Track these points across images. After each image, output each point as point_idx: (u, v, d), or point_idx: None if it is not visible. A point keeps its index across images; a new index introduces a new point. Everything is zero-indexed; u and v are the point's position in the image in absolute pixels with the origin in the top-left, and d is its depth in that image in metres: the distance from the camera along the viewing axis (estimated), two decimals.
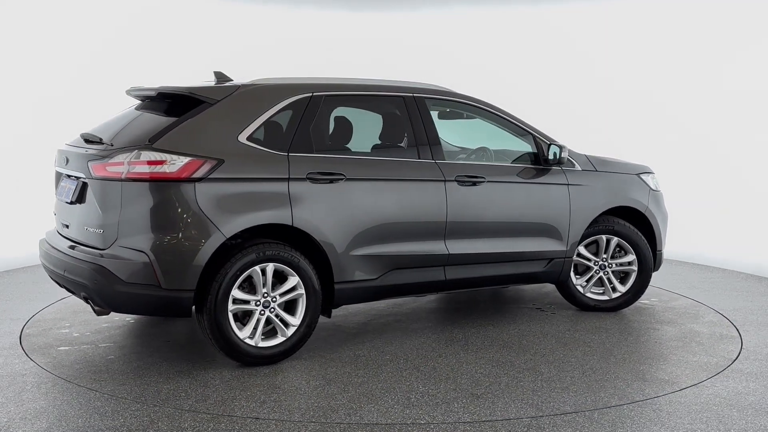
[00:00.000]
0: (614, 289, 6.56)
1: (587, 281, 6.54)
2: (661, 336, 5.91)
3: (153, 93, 5.40)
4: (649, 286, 7.22)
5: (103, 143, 5.08)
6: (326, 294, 5.35)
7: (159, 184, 4.78)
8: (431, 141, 5.74)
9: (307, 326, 5.21)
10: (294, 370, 5.04)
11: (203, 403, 4.41)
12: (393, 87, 5.81)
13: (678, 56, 9.71)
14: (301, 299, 5.17)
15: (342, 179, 5.27)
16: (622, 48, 10.15)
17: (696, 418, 4.29)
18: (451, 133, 7.21)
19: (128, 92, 5.73)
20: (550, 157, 6.11)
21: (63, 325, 6.02)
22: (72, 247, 5.11)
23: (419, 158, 5.66)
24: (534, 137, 6.22)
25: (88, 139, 5.22)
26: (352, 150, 5.65)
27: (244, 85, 5.30)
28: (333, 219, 5.23)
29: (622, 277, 6.60)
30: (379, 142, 5.83)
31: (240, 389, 4.66)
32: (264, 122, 5.18)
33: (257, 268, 4.99)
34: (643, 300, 7.01)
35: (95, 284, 4.82)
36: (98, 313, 5.03)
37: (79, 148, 5.23)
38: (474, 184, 5.81)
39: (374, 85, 5.79)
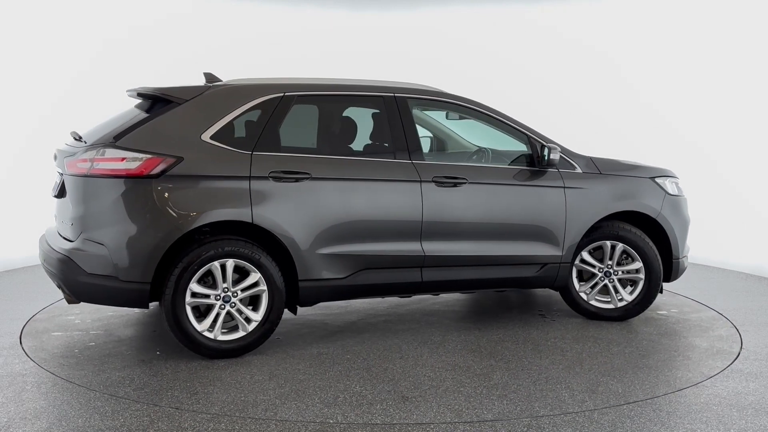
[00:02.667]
0: (621, 299, 6.25)
1: (591, 288, 6.27)
2: (651, 348, 5.59)
3: (134, 94, 5.64)
4: (682, 296, 7.05)
5: (82, 140, 5.36)
6: (292, 291, 5.42)
7: (119, 180, 5.00)
8: (410, 141, 5.67)
9: (270, 322, 5.29)
10: (248, 364, 5.13)
11: (139, 391, 4.58)
12: (372, 87, 5.79)
13: (672, 57, 9.56)
14: (263, 295, 5.26)
15: (307, 178, 5.32)
16: (627, 45, 10.02)
17: (696, 418, 4.24)
18: (471, 134, 7.14)
19: (127, 92, 6.00)
20: (546, 158, 5.92)
21: (73, 312, 6.38)
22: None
23: (396, 158, 5.62)
24: (529, 138, 6.03)
25: (75, 137, 5.53)
26: (325, 149, 5.66)
27: (214, 86, 5.46)
28: (297, 217, 5.28)
29: (632, 286, 6.29)
30: (354, 141, 5.82)
31: (183, 380, 4.80)
32: (230, 122, 5.30)
33: (216, 263, 5.12)
34: (661, 310, 6.68)
35: (62, 274, 5.12)
36: (69, 302, 5.32)
37: (68, 145, 5.55)
38: (455, 185, 5.70)
39: (352, 85, 5.79)
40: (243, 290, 5.22)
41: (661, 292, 6.50)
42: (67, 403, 4.39)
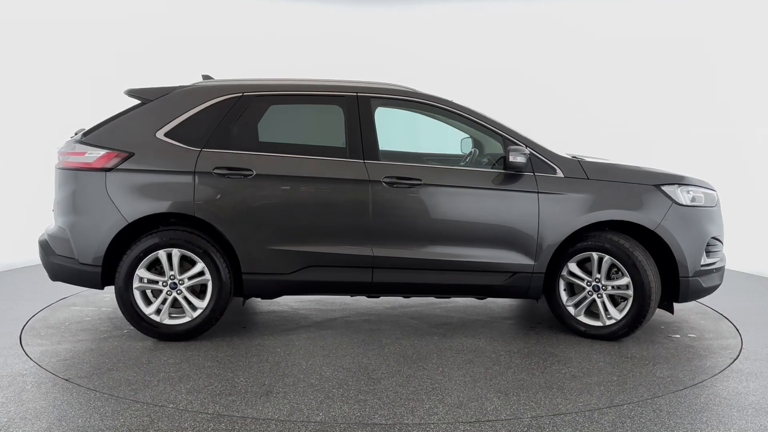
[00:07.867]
0: (610, 316, 5.72)
1: (581, 302, 5.80)
2: (595, 371, 5.02)
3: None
4: (728, 321, 6.56)
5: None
6: (239, 283, 5.66)
7: (79, 172, 5.58)
8: (366, 141, 5.65)
9: (212, 310, 5.58)
10: (183, 348, 5.44)
11: (60, 363, 5.09)
12: (335, 87, 5.82)
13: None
14: (209, 284, 5.57)
15: (251, 175, 5.52)
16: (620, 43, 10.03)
17: (696, 418, 4.24)
18: None
19: None
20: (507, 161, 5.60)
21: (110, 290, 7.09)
22: None
23: (349, 158, 5.63)
24: (504, 139, 5.73)
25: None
26: (278, 147, 5.74)
27: (180, 87, 5.83)
28: (240, 212, 5.52)
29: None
30: (308, 140, 5.90)
31: (111, 357, 5.22)
32: (185, 120, 5.64)
33: (162, 251, 5.51)
34: (676, 333, 6.01)
35: (41, 255, 5.82)
36: (51, 279, 5.98)
37: None
38: (410, 186, 5.59)
39: (315, 85, 5.87)
40: (189, 278, 5.56)
41: (671, 312, 5.88)
42: (67, 403, 4.43)
